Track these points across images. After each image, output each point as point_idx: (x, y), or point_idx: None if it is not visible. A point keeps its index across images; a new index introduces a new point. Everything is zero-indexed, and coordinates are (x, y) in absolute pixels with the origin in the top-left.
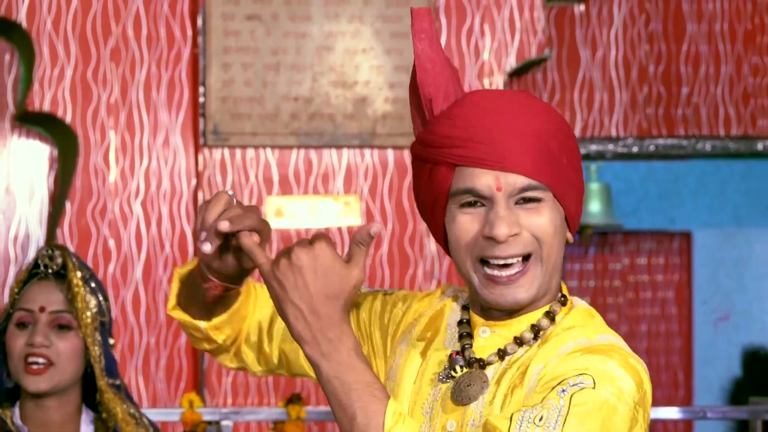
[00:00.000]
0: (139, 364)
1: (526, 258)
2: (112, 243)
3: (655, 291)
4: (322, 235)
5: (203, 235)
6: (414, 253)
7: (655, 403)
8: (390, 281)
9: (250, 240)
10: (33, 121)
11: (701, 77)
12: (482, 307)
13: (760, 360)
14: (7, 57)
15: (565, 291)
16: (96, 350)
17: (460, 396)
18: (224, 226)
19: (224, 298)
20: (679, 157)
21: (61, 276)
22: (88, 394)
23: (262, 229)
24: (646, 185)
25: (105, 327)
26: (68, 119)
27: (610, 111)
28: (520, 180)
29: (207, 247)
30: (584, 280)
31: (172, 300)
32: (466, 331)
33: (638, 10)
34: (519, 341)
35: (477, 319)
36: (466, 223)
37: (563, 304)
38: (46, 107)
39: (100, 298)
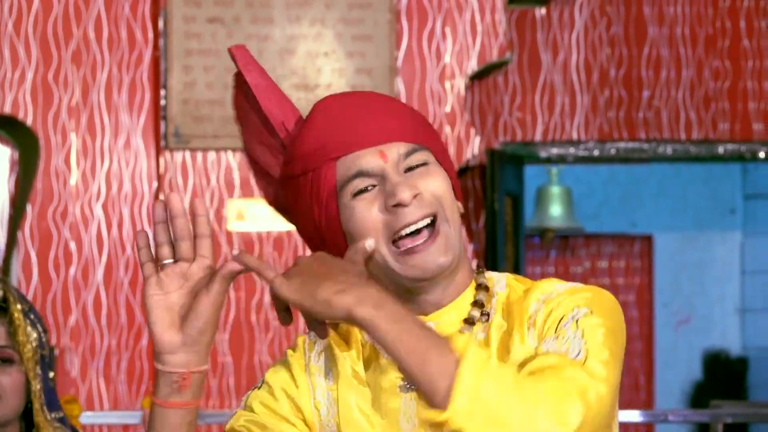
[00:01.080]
0: (101, 366)
1: (431, 223)
2: (73, 246)
3: (616, 294)
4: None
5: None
6: None
7: None
8: None
9: (253, 258)
10: None
11: (662, 81)
12: (412, 301)
13: (720, 363)
14: None
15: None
16: (37, 385)
17: None
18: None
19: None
20: (640, 161)
21: (2, 309)
22: (28, 429)
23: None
24: (607, 189)
25: (45, 360)
26: (29, 121)
27: (571, 114)
28: (402, 147)
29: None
30: None
31: None
32: None
33: (599, 13)
34: (469, 321)
35: None
36: (365, 209)
37: (481, 273)
38: (7, 109)
39: (40, 330)
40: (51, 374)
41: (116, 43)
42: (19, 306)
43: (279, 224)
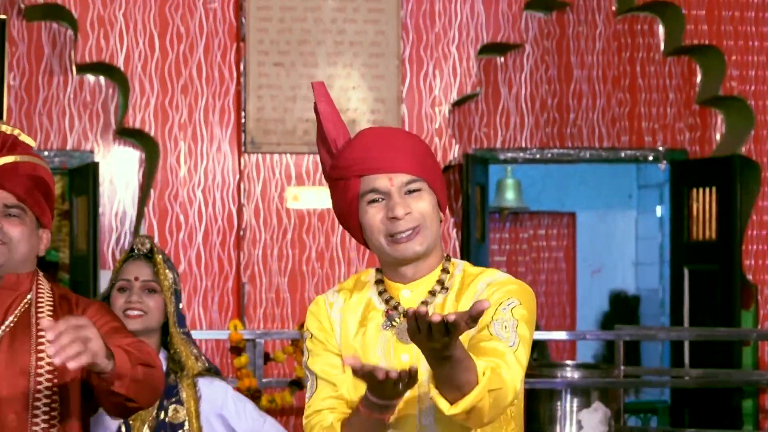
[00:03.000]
0: (200, 300)
1: (414, 228)
2: (182, 218)
3: (551, 252)
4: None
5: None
6: None
7: (549, 328)
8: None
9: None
10: (128, 134)
11: (583, 107)
12: (396, 273)
13: (621, 300)
14: (110, 90)
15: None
16: (170, 307)
17: (406, 337)
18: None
19: None
20: (568, 162)
21: (149, 257)
22: (164, 339)
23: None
24: (545, 181)
25: (178, 294)
26: (152, 133)
27: (521, 130)
28: (405, 177)
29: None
30: (502, 245)
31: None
32: (389, 296)
33: (540, 61)
34: (432, 292)
35: (395, 285)
36: (374, 214)
37: (449, 260)
38: (137, 125)
39: (174, 274)
40: (181, 305)
41: (211, 79)
42: (160, 256)
43: (322, 203)
